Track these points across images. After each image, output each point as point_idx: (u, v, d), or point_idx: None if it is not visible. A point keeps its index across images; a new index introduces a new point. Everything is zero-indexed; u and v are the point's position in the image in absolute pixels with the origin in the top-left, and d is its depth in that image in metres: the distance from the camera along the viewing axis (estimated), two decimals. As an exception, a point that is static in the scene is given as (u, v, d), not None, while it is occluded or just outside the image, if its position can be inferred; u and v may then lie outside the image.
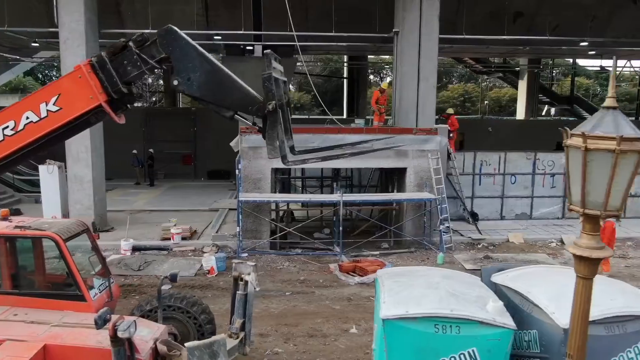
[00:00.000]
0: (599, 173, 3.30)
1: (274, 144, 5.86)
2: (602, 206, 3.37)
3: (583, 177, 3.36)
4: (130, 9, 20.10)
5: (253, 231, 15.03)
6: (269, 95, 5.79)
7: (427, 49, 16.95)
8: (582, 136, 3.31)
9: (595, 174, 3.31)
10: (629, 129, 3.28)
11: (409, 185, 15.28)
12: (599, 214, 3.39)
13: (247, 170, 14.79)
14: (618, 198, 3.36)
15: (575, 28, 21.67)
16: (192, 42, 6.35)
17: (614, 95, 3.40)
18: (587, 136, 3.30)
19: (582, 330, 3.62)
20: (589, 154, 3.29)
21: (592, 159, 3.29)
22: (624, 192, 3.36)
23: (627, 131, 3.27)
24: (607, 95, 3.42)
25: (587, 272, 3.57)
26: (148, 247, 14.95)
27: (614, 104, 3.40)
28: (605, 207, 3.36)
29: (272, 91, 5.77)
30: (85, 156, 16.56)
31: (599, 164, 3.28)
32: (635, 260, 14.27)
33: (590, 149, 3.28)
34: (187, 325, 8.14)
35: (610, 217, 3.44)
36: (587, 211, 3.43)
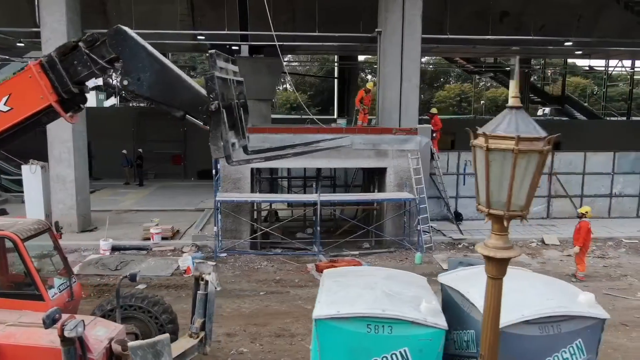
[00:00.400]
0: (501, 173, 3.30)
1: (218, 144, 5.85)
2: (505, 206, 3.37)
3: (486, 177, 3.36)
4: (115, 9, 20.10)
5: (233, 231, 15.03)
6: (212, 96, 5.77)
7: (409, 49, 16.95)
8: (484, 136, 3.31)
9: (497, 173, 3.32)
10: (529, 128, 3.28)
11: (389, 185, 15.27)
12: (503, 214, 3.39)
13: (226, 170, 14.80)
14: (521, 197, 3.36)
15: (561, 28, 21.66)
16: (142, 42, 6.34)
17: (517, 95, 3.41)
18: (488, 136, 3.30)
19: (493, 329, 3.62)
20: (490, 153, 3.30)
21: (494, 158, 3.30)
22: (528, 192, 3.36)
23: (527, 131, 3.27)
24: (510, 95, 3.42)
25: (495, 272, 3.57)
26: (127, 247, 14.96)
27: (517, 103, 3.41)
28: (508, 207, 3.36)
29: (214, 91, 5.75)
30: (67, 157, 16.58)
31: (500, 163, 3.29)
32: (613, 260, 14.26)
33: (491, 148, 3.28)
34: (148, 324, 8.14)
35: (514, 217, 3.43)
36: (492, 211, 3.44)
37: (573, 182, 19.11)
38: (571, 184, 19.07)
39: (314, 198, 14.03)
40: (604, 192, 19.31)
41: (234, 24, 20.14)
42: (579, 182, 19.15)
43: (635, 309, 10.86)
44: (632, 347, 9.20)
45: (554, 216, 19.02)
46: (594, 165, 19.10)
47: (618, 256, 14.69)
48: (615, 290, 11.93)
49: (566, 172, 19.01)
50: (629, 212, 19.43)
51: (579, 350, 4.95)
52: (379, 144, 15.08)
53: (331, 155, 14.97)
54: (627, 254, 14.91)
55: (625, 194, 19.40)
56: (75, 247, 15.14)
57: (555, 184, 18.85)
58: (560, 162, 18.99)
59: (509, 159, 3.23)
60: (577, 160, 19.10)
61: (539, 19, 21.53)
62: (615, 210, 19.39)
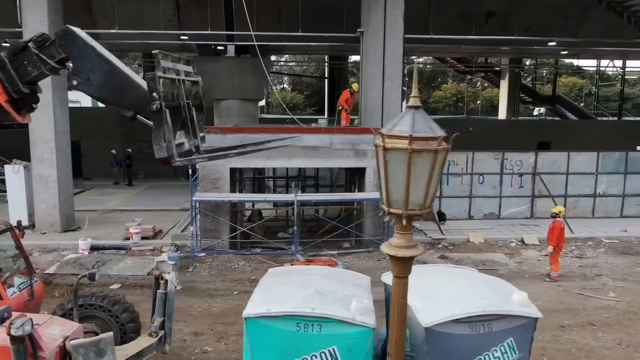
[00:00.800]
0: (398, 172, 3.32)
1: (160, 143, 5.87)
2: (403, 205, 3.39)
3: (385, 176, 3.38)
4: (100, 8, 20.15)
5: (212, 231, 15.07)
6: (154, 96, 5.79)
7: (391, 49, 16.97)
8: (381, 135, 3.33)
9: (395, 172, 3.34)
10: (425, 128, 3.30)
11: (369, 185, 15.29)
12: (401, 213, 3.41)
13: (205, 170, 14.84)
14: (420, 196, 3.38)
15: (548, 28, 21.67)
16: (91, 42, 6.36)
17: (417, 94, 3.42)
18: (385, 135, 3.32)
19: (400, 328, 3.64)
20: (387, 153, 3.32)
21: (391, 158, 3.32)
22: (426, 191, 3.37)
23: (423, 130, 3.29)
24: (411, 95, 3.44)
25: (399, 271, 3.60)
26: (106, 247, 15.00)
27: (417, 103, 3.42)
28: (406, 206, 3.38)
29: (156, 91, 5.78)
30: (49, 156, 16.63)
31: (396, 162, 3.31)
32: (590, 260, 14.26)
33: (387, 148, 3.30)
34: (109, 323, 8.17)
35: (414, 217, 3.45)
36: (392, 210, 3.45)
37: (557, 182, 19.12)
38: (555, 184, 19.08)
39: (291, 198, 14.05)
40: (587, 192, 19.32)
41: (219, 24, 20.19)
42: (562, 182, 19.16)
43: (605, 308, 10.87)
44: (596, 347, 9.21)
45: (537, 216, 19.02)
46: (577, 165, 19.11)
47: (596, 256, 14.68)
48: (588, 290, 11.94)
49: (550, 172, 19.02)
50: (612, 212, 19.43)
51: (510, 349, 4.97)
52: (358, 144, 15.10)
53: (310, 155, 15.05)
54: (606, 254, 14.91)
55: (609, 193, 19.40)
56: (55, 247, 15.21)
57: (539, 184, 18.85)
58: (544, 162, 19.01)
59: (405, 158, 3.25)
60: (560, 160, 19.12)
61: (526, 19, 21.57)
62: (599, 210, 19.40)
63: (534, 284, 12.40)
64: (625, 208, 19.49)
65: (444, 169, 3.46)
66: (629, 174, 19.29)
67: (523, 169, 18.96)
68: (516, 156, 18.94)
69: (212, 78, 22.45)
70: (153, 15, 20.00)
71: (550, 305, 11.05)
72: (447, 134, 3.40)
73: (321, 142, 14.95)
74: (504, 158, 18.91)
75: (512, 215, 19.09)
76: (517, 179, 19.02)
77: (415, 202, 3.38)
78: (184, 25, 20.81)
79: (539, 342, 9.26)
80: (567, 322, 10.23)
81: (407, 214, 3.40)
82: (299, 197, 13.91)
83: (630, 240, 16.34)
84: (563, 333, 9.76)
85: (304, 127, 16.37)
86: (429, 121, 3.36)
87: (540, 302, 11.05)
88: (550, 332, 9.79)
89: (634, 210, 19.53)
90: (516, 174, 18.99)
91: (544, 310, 10.66)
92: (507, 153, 18.95)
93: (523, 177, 19.02)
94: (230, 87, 22.21)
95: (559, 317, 10.46)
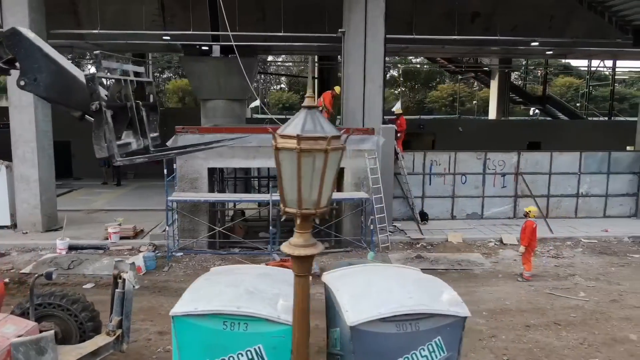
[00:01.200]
0: (290, 171, 3.36)
1: (101, 143, 5.92)
2: (296, 204, 3.42)
3: (279, 176, 3.42)
4: (86, 9, 20.20)
5: (190, 230, 15.12)
6: (93, 96, 5.84)
7: (372, 49, 17.01)
8: (274, 135, 3.37)
9: (288, 172, 3.38)
10: (316, 128, 3.34)
11: (347, 185, 15.33)
12: (295, 212, 3.44)
13: (183, 170, 14.90)
14: (313, 196, 3.41)
15: (533, 28, 21.65)
16: (38, 42, 6.41)
17: (312, 95, 3.46)
18: (278, 135, 3.36)
19: (303, 327, 3.67)
20: (280, 153, 3.35)
21: (283, 157, 3.36)
22: (319, 190, 3.40)
23: (313, 130, 3.32)
24: (306, 95, 3.47)
25: (298, 270, 3.63)
26: (85, 247, 15.06)
27: (311, 103, 3.46)
28: (300, 205, 3.42)
29: (95, 92, 5.82)
30: (31, 156, 16.69)
31: (288, 162, 3.34)
32: (566, 260, 14.26)
33: (279, 147, 3.34)
34: (68, 322, 8.20)
35: (308, 216, 3.48)
36: (287, 209, 3.49)
37: (540, 182, 19.13)
38: (538, 184, 19.09)
39: (266, 198, 14.09)
40: (570, 192, 19.33)
41: (204, 24, 20.24)
42: (545, 182, 19.17)
43: (572, 308, 10.89)
44: (558, 346, 9.23)
45: (520, 216, 18.85)
46: (560, 165, 19.11)
47: (573, 256, 14.69)
48: (559, 289, 11.95)
49: (533, 172, 19.03)
50: (595, 212, 19.44)
51: (438, 348, 5.00)
52: (336, 144, 15.10)
53: (288, 155, 15.05)
54: (583, 254, 14.92)
55: (592, 194, 19.40)
56: (33, 247, 15.26)
57: (522, 184, 18.87)
58: (526, 162, 19.02)
59: (295, 157, 3.28)
60: (543, 160, 19.13)
61: (511, 20, 21.58)
62: (582, 210, 19.40)
63: (506, 284, 12.44)
64: (608, 208, 19.49)
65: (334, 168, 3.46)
66: (612, 174, 19.30)
67: (506, 169, 18.97)
68: (499, 156, 18.95)
69: (198, 78, 22.54)
70: (138, 15, 20.04)
71: (518, 305, 11.09)
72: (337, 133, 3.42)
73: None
74: (487, 158, 18.92)
75: (495, 215, 19.10)
76: (500, 179, 19.03)
77: (309, 201, 3.41)
78: (169, 25, 20.86)
79: (501, 342, 9.35)
80: (533, 321, 10.25)
81: (301, 213, 3.43)
82: (274, 197, 13.95)
83: (609, 240, 16.34)
84: (527, 332, 9.77)
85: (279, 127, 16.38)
86: (322, 121, 3.40)
87: (509, 302, 11.16)
88: (515, 331, 9.82)
89: (617, 210, 19.54)
90: (499, 174, 18.99)
91: (513, 310, 10.80)
92: (489, 153, 18.96)
93: (506, 177, 19.03)
94: (216, 87, 22.27)
95: (526, 316, 10.49)
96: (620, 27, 17.81)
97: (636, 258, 14.57)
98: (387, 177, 17.22)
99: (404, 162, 18.11)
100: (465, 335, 9.62)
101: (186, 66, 23.40)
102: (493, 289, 12.08)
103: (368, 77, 17.09)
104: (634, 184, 19.46)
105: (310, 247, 3.54)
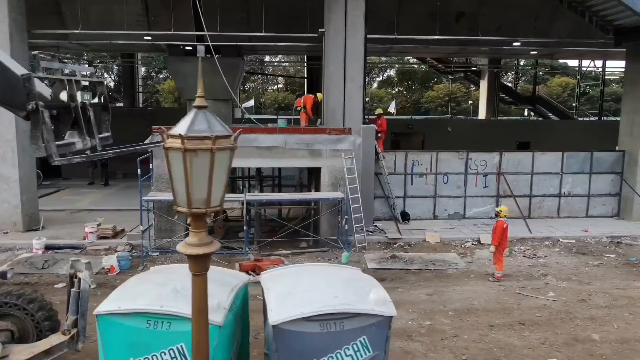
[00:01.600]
0: (179, 171, 3.37)
1: (38, 143, 5.91)
2: (186, 203, 3.44)
3: (170, 175, 3.44)
4: (70, 9, 20.25)
5: (167, 230, 15.16)
6: (30, 96, 5.85)
7: (352, 49, 17.02)
8: (162, 135, 3.39)
9: (176, 171, 3.39)
10: (205, 127, 3.35)
11: (324, 185, 15.34)
12: (186, 211, 3.46)
13: (159, 170, 14.95)
14: (202, 195, 3.43)
15: (518, 28, 21.66)
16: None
17: (202, 95, 3.48)
18: (168, 135, 3.37)
19: (201, 326, 3.69)
20: (169, 152, 3.37)
21: (172, 157, 3.37)
22: (208, 190, 3.42)
23: (201, 130, 3.34)
24: (196, 95, 3.49)
25: (194, 269, 3.65)
26: (62, 246, 15.09)
27: (202, 103, 3.47)
28: (189, 204, 3.43)
29: (31, 92, 5.83)
30: (11, 156, 16.75)
31: (176, 162, 3.36)
32: (541, 260, 14.26)
33: (167, 147, 3.36)
34: (25, 322, 8.23)
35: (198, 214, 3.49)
36: (179, 208, 3.51)
37: (522, 182, 19.13)
38: (520, 184, 19.10)
39: (240, 198, 14.12)
40: (553, 192, 19.32)
41: (189, 25, 20.27)
42: (527, 182, 19.17)
43: (539, 308, 10.89)
44: (519, 346, 9.23)
45: (502, 216, 18.97)
46: (542, 165, 19.11)
47: (549, 256, 14.68)
48: (529, 289, 11.95)
49: (515, 172, 19.03)
50: (578, 212, 19.43)
51: (363, 347, 5.01)
52: (313, 143, 15.15)
53: (264, 155, 15.12)
54: (559, 254, 14.91)
55: (574, 193, 19.39)
56: (11, 246, 15.30)
57: (503, 184, 18.86)
58: (508, 162, 19.01)
59: (181, 157, 3.30)
60: (525, 160, 19.12)
61: (496, 20, 21.58)
62: (565, 210, 19.39)
63: (477, 284, 12.44)
64: (591, 208, 19.49)
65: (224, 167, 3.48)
66: (594, 174, 19.29)
67: (488, 169, 18.97)
68: (481, 156, 18.94)
69: (183, 78, 22.59)
70: (122, 16, 20.08)
71: (486, 305, 11.10)
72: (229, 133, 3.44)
73: (275, 142, 15.00)
74: (469, 158, 18.91)
75: (477, 215, 19.10)
76: (482, 178, 19.03)
77: (199, 200, 3.43)
78: (153, 25, 20.90)
79: (463, 342, 9.36)
80: (498, 321, 10.25)
81: (191, 212, 3.45)
82: (248, 197, 13.98)
83: (587, 240, 16.34)
84: (490, 332, 9.78)
85: (259, 127, 16.44)
86: (211, 121, 3.41)
87: (476, 302, 11.16)
88: (478, 331, 9.82)
89: (600, 210, 19.54)
90: (481, 174, 18.99)
91: (479, 309, 10.81)
92: (471, 153, 18.96)
93: (488, 177, 19.03)
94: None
95: (491, 316, 10.49)
96: (601, 27, 17.78)
97: (611, 258, 14.56)
98: (368, 177, 17.26)
99: (385, 162, 18.12)
100: (427, 335, 9.71)
101: (171, 66, 23.44)
102: (463, 288, 12.08)
103: (348, 77, 17.10)
104: (617, 184, 19.45)
105: (204, 246, 3.56)
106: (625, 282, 12.52)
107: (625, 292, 11.84)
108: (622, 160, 19.30)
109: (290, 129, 15.60)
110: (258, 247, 15.30)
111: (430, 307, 10.92)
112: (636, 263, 14.11)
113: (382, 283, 12.35)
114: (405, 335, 9.60)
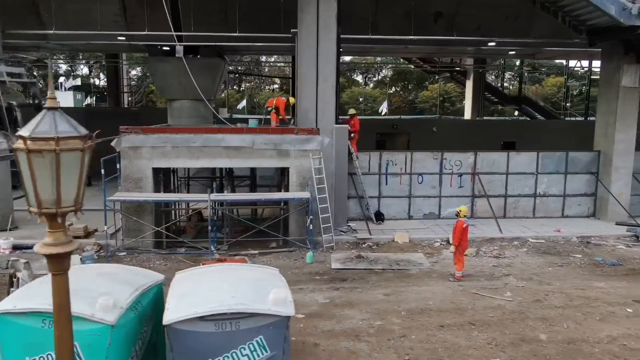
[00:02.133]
0: (26, 172, 3.40)
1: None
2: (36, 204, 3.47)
3: (21, 176, 3.46)
4: (47, 9, 20.31)
5: (135, 230, 15.18)
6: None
7: (325, 49, 17.02)
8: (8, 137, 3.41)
9: (25, 173, 3.42)
10: (48, 128, 3.38)
11: (292, 185, 15.37)
12: (37, 212, 3.49)
13: (127, 170, 14.97)
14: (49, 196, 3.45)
15: (498, 29, 21.65)
16: None
17: (53, 96, 3.50)
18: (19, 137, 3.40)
19: (61, 323, 3.72)
20: (18, 153, 3.40)
21: (20, 158, 3.40)
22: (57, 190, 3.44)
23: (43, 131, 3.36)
24: (48, 97, 3.51)
25: (53, 268, 3.67)
26: (30, 246, 15.11)
27: (54, 104, 3.50)
28: (39, 204, 3.46)
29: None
30: (-16, 157, 16.80)
31: (23, 163, 3.38)
32: (506, 260, 14.26)
33: (15, 149, 3.38)
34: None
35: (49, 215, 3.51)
36: (31, 209, 3.53)
37: (497, 182, 19.13)
38: (495, 184, 19.10)
39: (205, 198, 14.16)
40: (528, 192, 19.31)
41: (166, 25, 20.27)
42: (503, 182, 19.16)
43: (494, 308, 10.89)
44: (464, 346, 9.24)
45: (478, 216, 19.02)
46: (517, 165, 19.11)
47: (515, 256, 14.69)
48: (487, 289, 11.95)
49: (490, 172, 19.03)
50: (553, 212, 19.43)
51: (260, 347, 5.03)
52: (281, 144, 15.17)
53: (232, 155, 15.16)
54: (526, 254, 14.91)
55: (550, 193, 19.38)
56: (-21, 246, 15.35)
57: (479, 184, 18.86)
58: (483, 162, 19.00)
59: (26, 158, 3.33)
60: (500, 160, 19.12)
61: (475, 20, 21.57)
62: (540, 210, 19.39)
63: (437, 284, 12.45)
64: (566, 208, 19.48)
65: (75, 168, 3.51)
66: (569, 174, 19.28)
67: (462, 169, 18.97)
68: (455, 156, 18.94)
69: (162, 78, 22.62)
70: (100, 15, 20.13)
71: (440, 305, 11.10)
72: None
73: (243, 142, 15.03)
74: (443, 158, 18.91)
75: (452, 215, 18.90)
76: (457, 179, 19.03)
77: (48, 201, 3.45)
78: (131, 25, 20.94)
79: (409, 342, 9.37)
80: (449, 321, 10.26)
81: (42, 212, 3.48)
82: (213, 197, 14.01)
83: (557, 241, 16.34)
84: (439, 332, 9.79)
85: (227, 127, 16.47)
86: (59, 122, 3.43)
87: (432, 302, 11.18)
88: (427, 331, 9.83)
89: (575, 210, 19.53)
90: (456, 174, 18.99)
91: (433, 310, 10.82)
92: (446, 153, 18.96)
93: (463, 177, 19.03)
94: (181, 87, 22.30)
95: (443, 316, 10.50)
96: (574, 27, 17.76)
97: (577, 258, 14.56)
98: (341, 177, 17.29)
99: (359, 162, 18.13)
100: (375, 335, 9.72)
101: (150, 66, 23.47)
102: (422, 288, 12.09)
103: (321, 77, 17.11)
104: (592, 184, 19.45)
105: (60, 245, 3.59)
106: (585, 282, 12.51)
107: (583, 292, 11.84)
108: (597, 160, 19.29)
109: (258, 129, 15.64)
110: (227, 246, 15.33)
111: (384, 307, 10.94)
112: (601, 263, 14.11)
113: (343, 283, 12.51)
114: (353, 335, 9.63)
